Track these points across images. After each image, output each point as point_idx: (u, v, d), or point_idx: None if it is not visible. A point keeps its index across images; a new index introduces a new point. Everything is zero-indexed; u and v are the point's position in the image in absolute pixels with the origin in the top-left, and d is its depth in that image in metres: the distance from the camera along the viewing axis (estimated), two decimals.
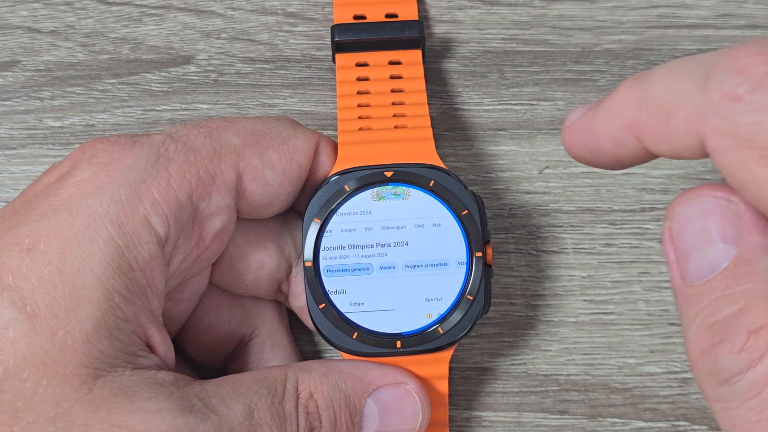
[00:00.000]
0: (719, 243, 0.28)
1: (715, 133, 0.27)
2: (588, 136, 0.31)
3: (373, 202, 0.37)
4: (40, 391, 0.30)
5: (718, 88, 0.26)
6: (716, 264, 0.28)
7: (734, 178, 0.27)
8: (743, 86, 0.26)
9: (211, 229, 0.35)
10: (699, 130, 0.27)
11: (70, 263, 0.31)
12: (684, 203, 0.29)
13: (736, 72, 0.26)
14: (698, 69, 0.27)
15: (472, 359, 0.41)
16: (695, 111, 0.27)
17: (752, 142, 0.26)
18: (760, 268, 0.27)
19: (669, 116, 0.28)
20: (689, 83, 0.27)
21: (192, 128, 0.36)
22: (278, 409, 0.33)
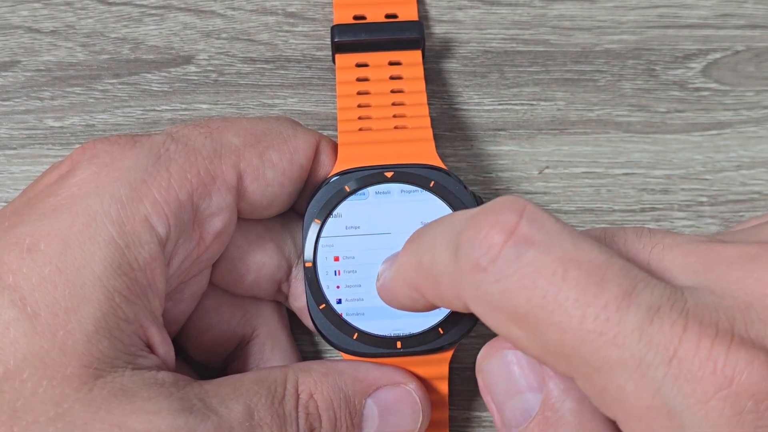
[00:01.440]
0: (526, 392, 0.31)
1: (472, 300, 0.29)
2: (390, 294, 0.34)
3: (372, 203, 0.37)
4: (40, 391, 0.30)
5: (465, 260, 0.28)
6: (528, 412, 0.31)
7: (502, 336, 0.30)
8: (485, 257, 0.28)
9: (211, 229, 0.35)
10: (461, 297, 0.29)
11: (71, 263, 0.31)
12: (488, 357, 0.32)
13: (479, 244, 0.28)
14: (451, 240, 0.29)
15: (472, 359, 0.41)
16: (454, 280, 0.29)
17: (502, 308, 0.28)
18: (564, 412, 0.30)
19: (437, 282, 0.30)
20: (446, 254, 0.29)
21: (192, 128, 0.35)
22: (278, 409, 0.33)
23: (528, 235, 0.28)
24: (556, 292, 0.27)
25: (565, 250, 0.28)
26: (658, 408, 0.26)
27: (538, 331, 0.28)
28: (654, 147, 0.43)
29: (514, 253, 0.28)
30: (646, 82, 0.44)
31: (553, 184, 0.43)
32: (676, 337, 0.26)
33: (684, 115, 0.44)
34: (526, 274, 0.27)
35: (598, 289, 0.27)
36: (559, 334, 0.27)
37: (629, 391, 0.27)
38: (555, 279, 0.27)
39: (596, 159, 0.43)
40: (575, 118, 0.44)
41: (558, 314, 0.27)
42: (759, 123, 0.43)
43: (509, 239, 0.28)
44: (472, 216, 0.29)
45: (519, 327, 0.28)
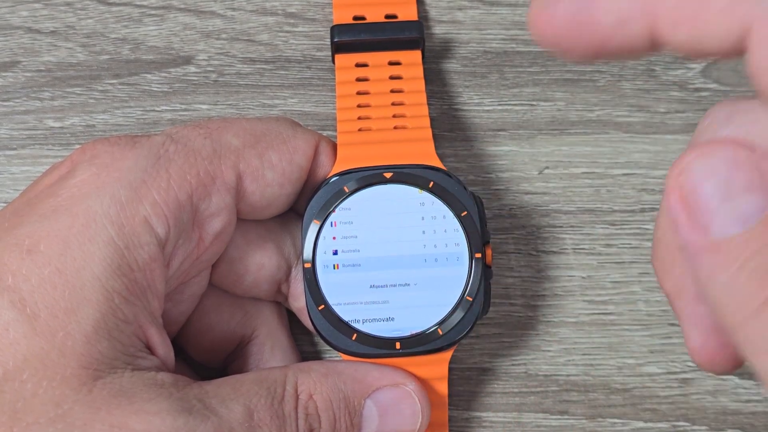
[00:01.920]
0: (753, 192, 0.25)
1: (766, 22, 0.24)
2: (583, 11, 0.26)
3: (372, 203, 0.37)
4: (40, 392, 0.30)
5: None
6: (753, 213, 0.25)
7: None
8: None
9: (211, 230, 0.35)
10: (744, 17, 0.24)
11: (70, 264, 0.31)
12: (698, 157, 0.26)
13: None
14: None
15: (472, 360, 0.41)
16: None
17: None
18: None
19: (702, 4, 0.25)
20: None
21: (192, 129, 0.36)
22: (278, 410, 0.33)
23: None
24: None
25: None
26: None
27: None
28: (654, 147, 0.43)
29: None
30: (645, 83, 0.44)
31: (553, 184, 0.43)
32: None
33: (684, 116, 0.44)
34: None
35: None
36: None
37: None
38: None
39: (596, 159, 0.43)
40: (575, 118, 0.44)
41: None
42: None
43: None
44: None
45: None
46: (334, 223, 0.37)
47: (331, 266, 0.37)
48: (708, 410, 0.41)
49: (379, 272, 0.37)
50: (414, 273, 0.37)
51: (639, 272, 0.42)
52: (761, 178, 0.25)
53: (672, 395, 0.41)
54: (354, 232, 0.37)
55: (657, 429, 0.41)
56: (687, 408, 0.41)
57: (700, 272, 0.26)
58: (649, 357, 0.41)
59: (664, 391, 0.41)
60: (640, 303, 0.42)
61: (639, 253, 0.42)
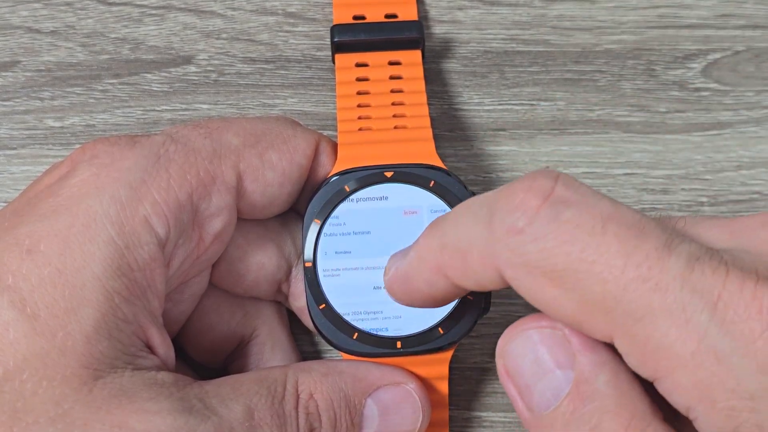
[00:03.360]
0: (556, 370, 0.30)
1: (507, 265, 0.29)
2: (404, 282, 0.33)
3: (372, 203, 0.37)
4: (40, 391, 0.30)
5: (500, 225, 0.28)
6: (559, 390, 0.29)
7: (535, 301, 0.29)
8: (522, 219, 0.28)
9: (211, 229, 0.35)
10: (494, 265, 0.29)
11: (70, 264, 0.31)
12: (511, 339, 0.31)
13: (515, 207, 0.28)
14: (482, 210, 0.30)
15: (472, 359, 0.41)
16: (487, 248, 0.29)
17: (539, 268, 0.28)
18: (600, 385, 0.29)
19: (466, 256, 0.30)
20: (478, 224, 0.30)
21: (192, 129, 0.36)
22: (278, 409, 0.33)
23: (564, 196, 0.28)
24: (597, 244, 0.27)
25: (603, 209, 0.28)
26: (704, 353, 0.26)
27: (577, 287, 0.27)
28: (654, 147, 0.43)
29: (552, 213, 0.28)
30: (646, 83, 0.44)
31: None
32: (719, 282, 0.26)
33: (684, 116, 0.44)
34: (566, 230, 0.27)
35: (639, 240, 0.27)
36: (600, 285, 0.27)
37: (673, 339, 0.26)
38: (594, 233, 0.27)
39: (596, 159, 0.43)
40: (575, 118, 0.44)
41: (599, 265, 0.27)
42: (759, 123, 0.43)
43: (545, 201, 0.28)
44: (503, 187, 0.29)
45: (556, 286, 0.28)
46: (335, 223, 0.37)
47: (332, 266, 0.37)
48: None
49: (379, 272, 0.37)
50: None
51: None
52: (565, 353, 0.30)
53: None
54: (355, 231, 0.37)
55: None
56: None
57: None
58: None
59: None
60: None
61: None
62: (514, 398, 0.31)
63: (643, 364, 0.28)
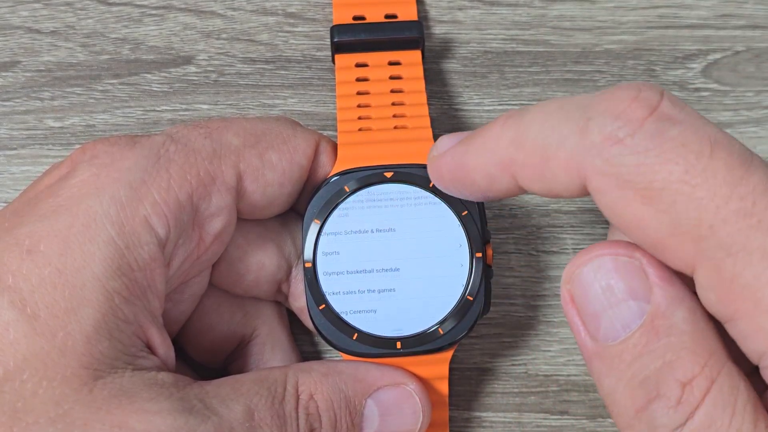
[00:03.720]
0: (630, 300, 0.28)
1: (597, 174, 0.28)
2: (459, 170, 0.32)
3: (372, 203, 0.37)
4: (40, 392, 0.30)
5: (599, 131, 0.27)
6: (631, 321, 0.28)
7: (617, 218, 0.28)
8: (624, 129, 0.27)
9: (211, 230, 0.35)
10: (580, 172, 0.28)
11: (70, 264, 0.31)
12: (583, 264, 0.29)
13: (616, 116, 0.27)
14: (577, 112, 0.28)
15: (472, 359, 0.41)
16: (576, 153, 0.28)
17: (633, 183, 0.27)
18: (677, 320, 0.28)
19: (548, 157, 0.29)
20: (568, 126, 0.28)
21: (192, 129, 0.36)
22: (278, 409, 0.33)
23: (671, 114, 0.27)
24: (703, 167, 0.26)
25: (711, 133, 0.27)
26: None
27: (672, 209, 0.26)
28: None
29: (656, 128, 0.27)
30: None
31: None
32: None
33: None
34: (670, 148, 0.26)
35: (747, 171, 0.26)
36: (699, 212, 0.26)
37: (765, 282, 0.25)
38: (702, 155, 0.26)
39: None
40: None
41: (702, 190, 0.26)
42: (759, 123, 0.43)
43: (651, 115, 0.27)
44: (603, 91, 0.28)
45: (649, 204, 0.27)
46: (335, 223, 0.37)
47: (332, 266, 0.37)
48: None
49: (379, 272, 0.37)
50: (415, 272, 0.37)
51: None
52: (641, 283, 0.28)
53: None
54: (355, 231, 0.37)
55: None
56: None
57: (591, 374, 0.29)
58: None
59: None
60: None
61: None
62: (577, 327, 0.30)
63: (722, 301, 0.27)
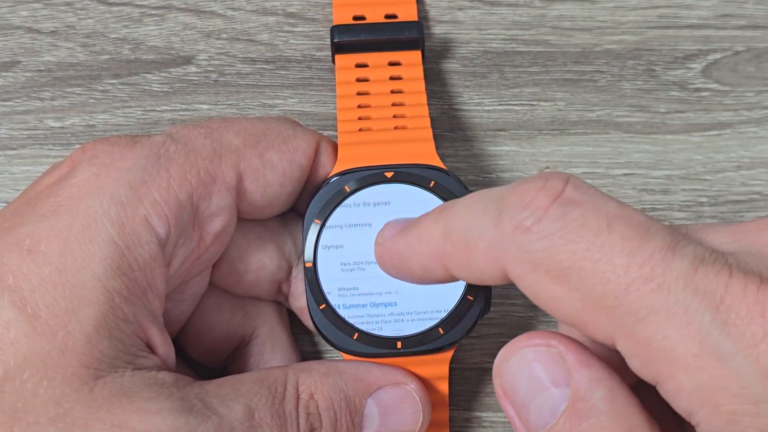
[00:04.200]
0: (552, 388, 0.30)
1: (512, 262, 0.29)
2: (397, 259, 0.33)
3: (372, 203, 0.37)
4: (40, 391, 0.30)
5: (509, 221, 0.29)
6: (555, 408, 0.29)
7: (537, 300, 0.29)
8: (531, 218, 0.28)
9: (211, 229, 0.35)
10: (498, 261, 0.30)
11: (71, 264, 0.31)
12: (507, 358, 0.31)
13: (524, 206, 0.29)
14: (492, 204, 0.30)
15: (473, 359, 0.41)
16: (493, 243, 0.29)
17: (544, 266, 0.28)
18: (596, 401, 0.29)
19: (470, 248, 0.30)
20: (485, 219, 0.30)
21: (192, 129, 0.36)
22: (279, 409, 0.33)
23: (573, 197, 0.28)
24: (602, 243, 0.27)
25: (610, 209, 0.28)
26: (706, 355, 0.26)
27: (580, 285, 0.28)
28: (654, 147, 0.43)
29: (559, 213, 0.28)
30: (646, 83, 0.44)
31: None
32: (722, 284, 0.26)
33: (684, 116, 0.44)
34: (572, 229, 0.28)
35: (643, 240, 0.27)
36: (603, 284, 0.27)
37: (675, 340, 0.26)
38: (600, 232, 0.28)
39: (596, 159, 0.43)
40: (575, 118, 0.44)
41: (603, 264, 0.27)
42: (759, 123, 0.43)
43: (554, 201, 0.28)
44: (515, 184, 0.30)
45: (560, 284, 0.28)
46: (335, 223, 0.37)
47: (332, 266, 0.37)
48: None
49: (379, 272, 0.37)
50: None
51: None
52: (560, 370, 0.30)
53: None
54: (355, 231, 0.37)
55: None
56: None
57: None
58: None
59: None
60: None
61: None
62: (512, 418, 0.31)
63: (645, 366, 0.28)
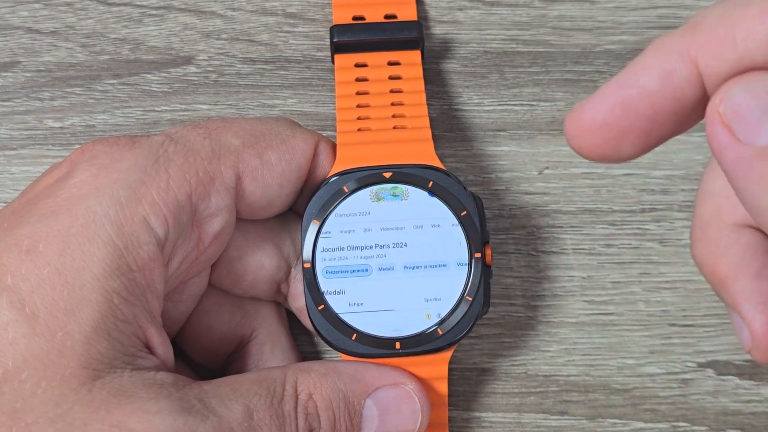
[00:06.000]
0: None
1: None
2: (623, 87, 0.27)
3: (371, 203, 0.37)
4: (39, 392, 0.30)
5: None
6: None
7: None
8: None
9: (210, 230, 0.35)
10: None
11: (70, 264, 0.31)
12: (737, 84, 0.25)
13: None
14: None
15: (472, 360, 0.41)
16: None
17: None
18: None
19: (736, 21, 0.25)
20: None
21: (191, 129, 0.36)
22: (277, 409, 0.33)
23: None
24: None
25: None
26: None
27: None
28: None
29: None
30: None
31: (553, 184, 0.43)
32: None
33: None
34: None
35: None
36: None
37: None
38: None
39: None
40: None
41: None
42: None
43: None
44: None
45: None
46: (334, 223, 0.37)
47: (331, 266, 0.37)
48: (708, 411, 0.41)
49: (378, 272, 0.37)
50: (413, 273, 0.37)
51: (639, 272, 0.42)
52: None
53: (672, 395, 0.41)
54: (354, 232, 0.37)
55: (657, 429, 0.41)
56: (687, 408, 0.41)
57: (749, 185, 0.25)
58: (649, 357, 0.41)
59: (664, 391, 0.41)
60: (640, 303, 0.42)
61: (639, 253, 0.42)
62: (726, 143, 0.25)
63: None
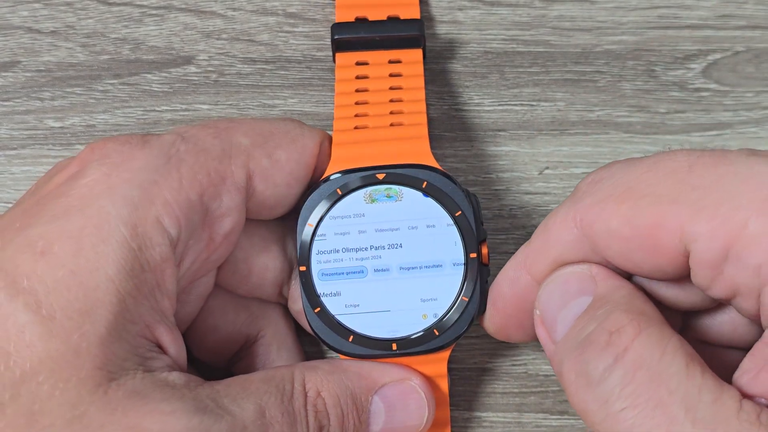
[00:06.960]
0: (579, 297, 0.32)
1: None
2: (492, 296, 0.37)
3: (365, 205, 0.37)
4: (56, 393, 0.30)
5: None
6: (579, 312, 0.32)
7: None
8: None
9: (221, 230, 0.35)
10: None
11: (84, 265, 0.31)
12: (547, 283, 0.34)
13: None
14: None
15: (472, 359, 0.42)
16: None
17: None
18: (616, 297, 0.32)
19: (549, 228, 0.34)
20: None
21: (201, 128, 0.35)
22: (288, 407, 0.33)
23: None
24: None
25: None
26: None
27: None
28: (654, 147, 0.43)
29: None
30: (646, 83, 0.44)
31: (553, 184, 0.43)
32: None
33: (684, 116, 0.44)
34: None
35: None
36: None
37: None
38: None
39: (596, 159, 0.43)
40: (575, 118, 0.44)
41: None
42: (759, 124, 0.44)
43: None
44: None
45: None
46: (329, 226, 0.37)
47: (326, 269, 0.37)
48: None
49: (374, 274, 0.37)
50: (409, 273, 0.37)
51: None
52: (589, 284, 0.33)
53: None
54: (348, 234, 0.37)
55: None
56: None
57: (560, 378, 0.32)
58: None
59: None
60: None
61: None
62: (544, 340, 0.33)
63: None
